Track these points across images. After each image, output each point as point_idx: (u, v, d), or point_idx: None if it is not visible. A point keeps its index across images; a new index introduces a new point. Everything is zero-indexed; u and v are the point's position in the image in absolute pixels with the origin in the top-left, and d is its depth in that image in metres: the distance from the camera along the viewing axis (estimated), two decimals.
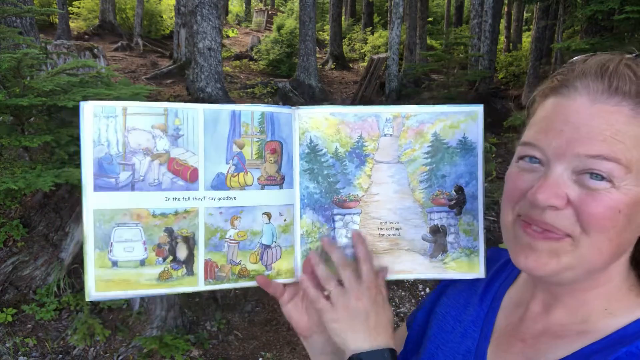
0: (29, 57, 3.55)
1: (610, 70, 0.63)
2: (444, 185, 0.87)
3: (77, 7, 17.99)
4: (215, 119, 0.82)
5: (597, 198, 0.62)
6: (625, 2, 6.99)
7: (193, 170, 0.81)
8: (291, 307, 0.88)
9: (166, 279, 0.80)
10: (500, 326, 0.80)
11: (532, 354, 0.72)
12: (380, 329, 0.76)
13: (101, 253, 0.77)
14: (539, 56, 12.65)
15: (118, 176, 0.78)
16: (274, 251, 0.85)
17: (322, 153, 0.87)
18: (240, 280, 0.84)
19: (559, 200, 0.64)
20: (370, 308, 0.76)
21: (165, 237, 0.80)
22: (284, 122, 0.85)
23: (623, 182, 0.61)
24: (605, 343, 0.65)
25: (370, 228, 0.87)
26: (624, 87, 0.62)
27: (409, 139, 0.87)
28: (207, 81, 9.80)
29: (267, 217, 0.84)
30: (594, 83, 0.64)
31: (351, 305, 0.75)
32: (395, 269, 0.87)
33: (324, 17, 24.30)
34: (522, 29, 22.33)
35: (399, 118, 0.87)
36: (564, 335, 0.70)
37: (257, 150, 0.84)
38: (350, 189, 0.87)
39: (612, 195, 0.62)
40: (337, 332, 0.76)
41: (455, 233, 0.88)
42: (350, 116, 0.87)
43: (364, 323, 0.75)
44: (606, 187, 0.62)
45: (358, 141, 0.87)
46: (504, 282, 0.86)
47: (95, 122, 0.77)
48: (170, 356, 3.36)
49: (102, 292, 0.77)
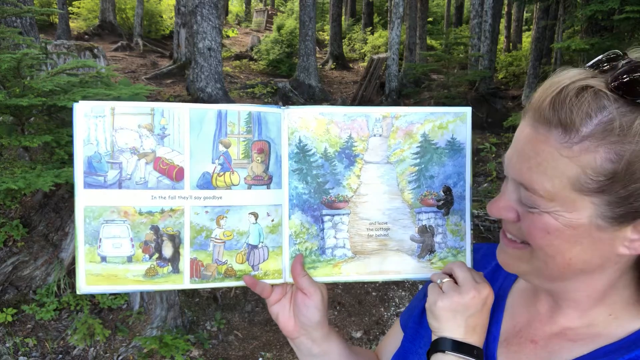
0: (29, 57, 3.55)
1: (548, 99, 0.62)
2: (432, 186, 0.87)
3: (77, 7, 18.00)
4: (201, 118, 0.82)
5: (530, 218, 0.66)
6: (625, 2, 6.98)
7: (179, 169, 0.82)
8: (278, 308, 0.88)
9: (152, 276, 0.82)
10: (507, 326, 0.80)
11: (545, 354, 0.72)
12: (478, 329, 0.76)
13: (91, 248, 0.80)
14: (539, 56, 12.64)
15: (106, 174, 0.80)
16: (261, 251, 0.85)
17: (311, 153, 0.86)
18: (226, 280, 0.84)
19: (509, 214, 0.69)
20: (476, 308, 0.76)
21: (152, 235, 0.81)
22: (272, 122, 0.85)
23: (550, 209, 0.63)
24: (618, 345, 0.66)
25: (359, 229, 0.87)
26: (553, 118, 0.61)
27: (398, 139, 0.87)
28: (207, 81, 9.80)
29: (253, 217, 0.84)
30: (533, 109, 0.64)
31: (461, 300, 0.76)
32: (383, 270, 0.87)
33: (324, 17, 24.29)
34: (522, 29, 22.33)
35: (389, 118, 0.87)
36: (577, 339, 0.71)
37: (243, 149, 0.84)
38: (340, 190, 0.87)
39: (542, 218, 0.64)
40: (437, 316, 0.77)
41: (443, 233, 0.88)
42: (340, 116, 0.87)
43: (465, 318, 0.76)
44: (537, 211, 0.65)
45: (347, 141, 0.87)
46: (507, 278, 0.86)
47: (85, 122, 0.79)
48: (170, 356, 3.36)
49: (92, 286, 0.80)
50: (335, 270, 0.87)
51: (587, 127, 0.59)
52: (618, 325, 0.68)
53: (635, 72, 0.58)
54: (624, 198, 0.59)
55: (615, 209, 0.60)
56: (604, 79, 0.60)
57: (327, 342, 0.91)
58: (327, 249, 0.87)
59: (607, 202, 0.60)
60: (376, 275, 0.88)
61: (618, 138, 0.58)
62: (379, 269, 0.87)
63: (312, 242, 0.87)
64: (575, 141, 0.59)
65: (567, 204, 0.62)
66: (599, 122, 0.58)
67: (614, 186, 0.59)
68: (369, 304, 4.33)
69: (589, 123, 0.59)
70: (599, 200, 0.60)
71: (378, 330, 4.02)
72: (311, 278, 0.86)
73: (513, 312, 0.81)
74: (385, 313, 4.23)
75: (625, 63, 0.60)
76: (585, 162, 0.59)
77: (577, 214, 0.62)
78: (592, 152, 0.59)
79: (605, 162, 0.58)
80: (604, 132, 0.58)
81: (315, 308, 0.86)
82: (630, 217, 0.61)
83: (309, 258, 0.87)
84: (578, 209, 0.62)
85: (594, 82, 0.60)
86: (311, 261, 0.87)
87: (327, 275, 0.87)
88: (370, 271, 0.88)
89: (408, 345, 0.90)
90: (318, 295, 0.86)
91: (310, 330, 0.88)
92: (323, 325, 0.89)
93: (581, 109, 0.59)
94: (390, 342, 0.99)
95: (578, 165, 0.60)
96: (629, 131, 0.57)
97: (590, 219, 0.62)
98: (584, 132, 0.59)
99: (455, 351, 0.73)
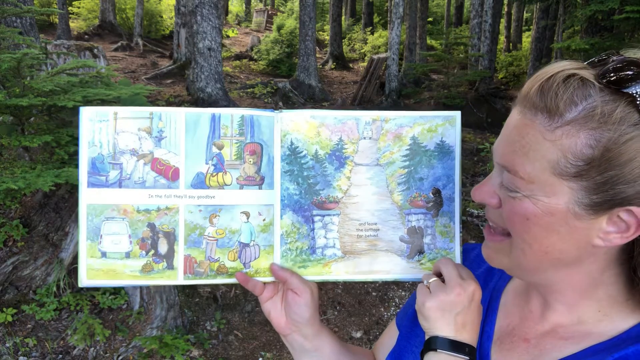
0: (29, 57, 3.55)
1: (536, 85, 0.64)
2: (422, 188, 0.88)
3: (77, 7, 18.01)
4: (196, 121, 0.86)
5: (510, 203, 0.68)
6: (625, 2, 6.99)
7: (175, 169, 0.86)
8: (270, 305, 0.90)
9: (148, 272, 0.86)
10: (501, 326, 0.81)
11: (537, 353, 0.73)
12: (468, 327, 0.77)
13: (92, 244, 0.84)
14: (539, 56, 12.65)
15: (108, 174, 0.85)
16: (253, 250, 0.88)
17: (302, 155, 0.88)
18: (218, 277, 0.87)
19: (491, 199, 0.71)
20: (463, 304, 0.76)
21: (148, 232, 0.85)
22: (264, 125, 0.88)
23: (530, 192, 0.65)
24: (608, 344, 0.67)
25: (349, 229, 0.89)
26: (540, 103, 0.63)
27: (388, 142, 0.88)
28: (207, 81, 9.81)
29: (245, 216, 0.87)
30: (523, 96, 0.66)
31: (447, 298, 0.77)
32: (372, 270, 0.89)
33: (324, 17, 24.30)
34: (522, 29, 22.34)
35: (378, 121, 0.89)
36: (568, 337, 0.72)
37: (236, 151, 0.87)
38: (330, 191, 0.89)
39: (522, 203, 0.66)
40: (426, 317, 0.77)
41: (432, 234, 0.89)
42: (331, 119, 0.89)
43: (453, 316, 0.76)
44: (518, 195, 0.66)
45: (338, 144, 0.89)
46: (501, 278, 0.87)
47: (90, 126, 0.85)
48: (170, 356, 3.36)
49: (92, 280, 0.85)
50: (325, 270, 0.89)
51: (571, 113, 0.61)
52: (609, 324, 0.69)
53: (623, 65, 0.60)
54: (600, 184, 0.61)
55: (591, 195, 0.62)
56: (594, 71, 0.62)
57: (318, 338, 0.92)
58: (317, 249, 0.89)
59: (584, 187, 0.62)
60: (366, 275, 0.89)
61: (598, 124, 0.60)
62: (368, 269, 0.89)
63: (303, 242, 0.89)
64: (558, 125, 0.62)
65: (545, 187, 0.64)
66: (582, 109, 0.61)
67: (591, 172, 0.61)
68: (369, 304, 4.33)
69: (573, 109, 0.61)
70: (576, 186, 0.62)
71: (378, 330, 4.02)
72: (301, 277, 0.88)
73: (506, 311, 0.82)
74: (385, 313, 4.24)
75: (616, 59, 0.62)
76: (567, 146, 0.61)
77: (555, 198, 0.64)
78: (574, 137, 0.61)
79: (584, 147, 0.60)
80: (586, 117, 0.60)
81: (306, 305, 0.88)
82: (606, 205, 0.62)
83: (300, 257, 0.89)
84: (556, 193, 0.63)
85: (583, 72, 0.62)
86: (302, 260, 0.89)
87: (317, 274, 0.89)
88: (360, 271, 0.89)
89: (403, 344, 0.91)
90: (308, 293, 0.88)
91: (301, 327, 0.90)
92: (314, 322, 0.91)
93: (566, 95, 0.61)
94: (387, 340, 1.01)
95: (559, 149, 0.62)
96: (609, 118, 0.59)
97: (567, 205, 0.63)
98: (567, 118, 0.61)
99: (447, 349, 0.74)
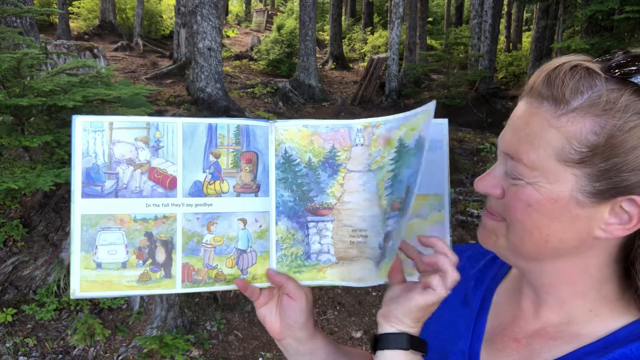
0: (29, 57, 3.55)
1: (543, 75, 0.65)
2: (401, 189, 0.83)
3: (77, 7, 18.01)
4: (193, 131, 0.86)
5: (513, 191, 0.68)
6: (625, 2, 6.99)
7: (172, 178, 0.86)
8: (265, 311, 0.91)
9: (145, 281, 0.84)
10: (492, 325, 0.81)
11: (526, 353, 0.73)
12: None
13: (87, 255, 0.82)
14: (539, 56, 12.66)
15: (104, 184, 0.83)
16: (249, 256, 0.88)
17: (296, 163, 0.89)
18: (216, 284, 0.87)
19: (495, 190, 0.71)
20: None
21: (145, 241, 0.84)
22: (260, 134, 0.89)
23: (533, 179, 0.65)
24: (598, 345, 0.67)
25: (343, 235, 0.89)
26: (546, 92, 0.64)
27: (379, 147, 0.88)
28: (207, 81, 9.81)
29: (242, 223, 0.88)
30: (530, 87, 0.68)
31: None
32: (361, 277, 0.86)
33: (324, 17, 24.31)
34: (522, 29, 22.34)
35: (370, 128, 0.89)
36: (558, 337, 0.71)
37: (232, 160, 0.87)
38: (323, 197, 0.89)
39: (525, 190, 0.67)
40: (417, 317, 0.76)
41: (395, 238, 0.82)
42: (323, 128, 0.90)
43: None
44: (521, 183, 0.67)
45: (331, 151, 0.90)
46: (494, 278, 0.87)
47: (84, 136, 0.83)
48: (170, 356, 3.36)
49: (86, 292, 0.83)
50: (320, 275, 0.89)
51: (576, 101, 0.62)
52: (599, 323, 0.69)
53: (628, 60, 0.62)
54: (603, 171, 0.62)
55: (595, 182, 0.62)
56: (601, 64, 0.64)
57: (312, 341, 0.93)
58: (312, 254, 0.89)
59: (587, 174, 0.62)
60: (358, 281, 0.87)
61: (603, 112, 0.61)
62: (359, 275, 0.87)
63: (298, 247, 0.89)
64: (563, 112, 0.63)
65: (549, 174, 0.64)
66: (588, 97, 0.62)
67: (594, 158, 0.61)
68: (369, 304, 4.33)
69: (578, 97, 0.62)
70: (580, 173, 0.63)
71: None
72: (296, 282, 0.88)
73: (498, 311, 0.82)
74: None
75: (621, 53, 0.64)
76: (571, 133, 0.62)
77: (559, 185, 0.64)
78: (579, 124, 0.62)
79: (589, 134, 0.61)
80: (591, 105, 0.61)
81: (301, 310, 0.89)
82: (609, 194, 0.63)
83: (295, 262, 0.89)
84: (560, 180, 0.64)
85: (590, 64, 0.63)
86: (297, 265, 0.89)
87: (312, 279, 0.89)
88: (353, 277, 0.88)
89: None
90: (303, 298, 0.89)
91: (295, 331, 0.91)
92: (308, 326, 0.91)
93: (572, 83, 0.62)
94: None
95: (564, 135, 0.62)
96: (614, 106, 0.60)
97: (570, 193, 0.64)
98: (573, 105, 0.62)
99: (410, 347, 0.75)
